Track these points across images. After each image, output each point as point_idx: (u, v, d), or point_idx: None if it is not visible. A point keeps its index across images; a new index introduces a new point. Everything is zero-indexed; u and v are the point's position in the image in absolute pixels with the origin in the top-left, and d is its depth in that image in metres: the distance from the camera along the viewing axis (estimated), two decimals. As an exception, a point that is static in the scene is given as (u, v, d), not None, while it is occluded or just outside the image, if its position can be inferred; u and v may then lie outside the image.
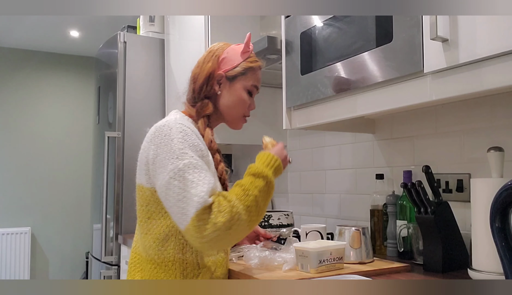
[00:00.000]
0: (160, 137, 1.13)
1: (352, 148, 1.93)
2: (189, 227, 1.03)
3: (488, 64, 0.97)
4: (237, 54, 1.32)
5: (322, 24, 1.45)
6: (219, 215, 1.03)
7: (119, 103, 2.67)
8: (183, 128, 1.14)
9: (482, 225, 1.08)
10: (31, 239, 4.36)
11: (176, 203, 1.05)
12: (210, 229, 1.02)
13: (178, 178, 1.06)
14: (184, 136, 1.12)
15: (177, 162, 1.08)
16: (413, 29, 1.11)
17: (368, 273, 1.27)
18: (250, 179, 1.13)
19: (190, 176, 1.06)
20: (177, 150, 1.09)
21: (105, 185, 2.65)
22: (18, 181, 4.37)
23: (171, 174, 1.07)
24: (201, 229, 1.02)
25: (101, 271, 2.61)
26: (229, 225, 1.03)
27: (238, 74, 1.30)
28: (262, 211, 1.12)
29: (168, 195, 1.07)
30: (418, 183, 1.29)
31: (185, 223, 1.03)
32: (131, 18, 3.35)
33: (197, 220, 1.02)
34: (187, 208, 1.03)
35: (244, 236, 1.11)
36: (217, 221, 1.02)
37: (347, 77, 1.33)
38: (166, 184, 1.08)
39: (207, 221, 1.02)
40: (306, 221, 2.14)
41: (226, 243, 1.08)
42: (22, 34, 4.05)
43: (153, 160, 1.13)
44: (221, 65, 1.30)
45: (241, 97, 1.31)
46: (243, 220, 1.06)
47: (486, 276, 1.07)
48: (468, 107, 1.45)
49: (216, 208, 1.04)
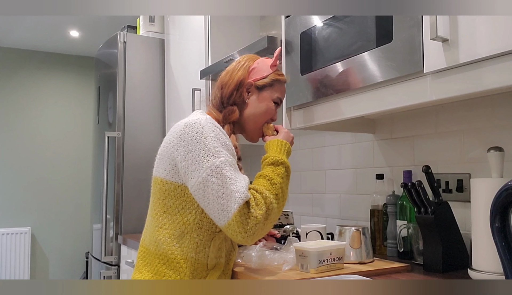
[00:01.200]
0: (192, 134, 1.15)
1: (352, 148, 1.93)
2: (231, 223, 1.08)
3: (488, 64, 0.97)
4: (267, 65, 1.37)
5: (322, 24, 1.45)
6: (257, 208, 1.10)
7: (119, 103, 2.67)
8: (214, 128, 1.18)
9: (482, 225, 1.08)
10: (31, 239, 4.36)
11: (216, 200, 1.09)
12: (252, 222, 1.09)
13: (216, 175, 1.10)
14: (217, 135, 1.16)
15: (213, 159, 1.11)
16: (413, 29, 1.11)
17: (368, 273, 1.27)
18: (271, 168, 1.21)
19: (227, 172, 1.10)
20: (212, 147, 1.13)
21: (105, 185, 2.65)
22: (18, 181, 4.37)
23: (208, 171, 1.10)
24: (244, 223, 1.08)
25: (101, 271, 2.61)
26: (266, 215, 1.12)
27: (266, 85, 1.35)
28: (286, 194, 1.21)
29: (206, 192, 1.10)
30: (418, 183, 1.29)
31: (226, 219, 1.08)
32: (131, 18, 3.35)
33: (240, 215, 1.08)
34: (228, 204, 1.08)
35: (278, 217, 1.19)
36: (257, 214, 1.10)
37: (347, 77, 1.33)
38: (203, 181, 1.11)
39: (248, 215, 1.09)
40: (306, 221, 2.14)
41: (264, 232, 1.15)
42: (22, 34, 4.05)
43: (184, 157, 1.14)
44: (251, 75, 1.35)
45: (269, 106, 1.36)
46: (275, 208, 1.15)
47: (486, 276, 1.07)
48: (468, 107, 1.45)
49: (253, 202, 1.11)
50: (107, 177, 2.65)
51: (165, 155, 1.20)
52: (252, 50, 1.81)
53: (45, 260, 4.46)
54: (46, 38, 4.18)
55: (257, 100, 1.35)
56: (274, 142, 1.28)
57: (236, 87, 1.33)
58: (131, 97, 2.69)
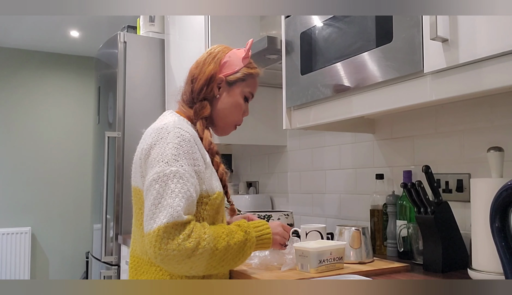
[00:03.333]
0: (156, 139, 1.12)
1: (352, 148, 1.93)
2: (151, 233, 1.02)
3: (488, 64, 0.97)
4: (239, 59, 1.32)
5: (322, 24, 1.45)
6: (187, 239, 1.02)
7: (119, 103, 2.67)
8: (181, 133, 1.13)
9: (482, 225, 1.08)
10: (31, 239, 4.36)
11: (150, 207, 1.05)
12: (172, 246, 1.01)
13: (160, 183, 1.06)
14: (181, 142, 1.11)
15: (165, 166, 1.07)
16: (413, 29, 1.11)
17: (368, 273, 1.27)
18: (234, 228, 1.15)
19: (172, 184, 1.05)
20: (170, 154, 1.09)
21: (105, 185, 2.65)
22: (18, 181, 4.37)
23: (155, 176, 1.07)
24: (163, 241, 1.01)
25: (101, 271, 2.61)
26: (191, 253, 1.03)
27: (238, 80, 1.30)
28: (224, 262, 1.11)
29: (147, 195, 1.07)
30: (418, 183, 1.29)
31: (149, 227, 1.03)
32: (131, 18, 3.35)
33: (164, 231, 1.01)
34: (158, 215, 1.03)
35: (199, 273, 1.09)
36: (182, 243, 1.02)
37: (347, 77, 1.33)
38: (148, 184, 1.08)
39: (173, 238, 1.01)
40: (306, 221, 2.14)
41: (178, 268, 1.05)
42: (22, 34, 4.05)
43: (145, 160, 1.13)
44: (222, 69, 1.30)
45: (239, 102, 1.31)
46: (205, 256, 1.05)
47: (486, 276, 1.07)
48: (468, 107, 1.45)
49: (188, 231, 1.03)
50: (107, 177, 2.65)
51: (136, 163, 1.18)
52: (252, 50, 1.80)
53: (45, 260, 4.46)
54: (46, 38, 4.18)
55: (228, 95, 1.30)
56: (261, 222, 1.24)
57: (206, 82, 1.28)
58: (131, 97, 2.69)
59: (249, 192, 2.61)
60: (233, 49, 1.35)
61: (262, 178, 2.60)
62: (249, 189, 2.63)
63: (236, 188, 2.71)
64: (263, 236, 1.22)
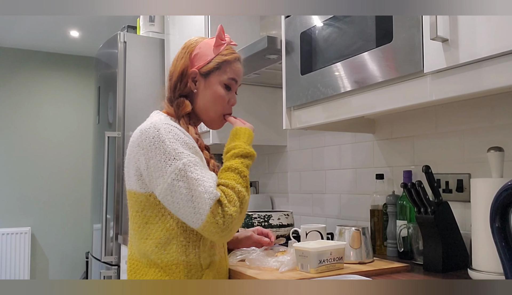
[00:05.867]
0: (149, 140, 1.10)
1: (352, 148, 1.93)
2: (205, 224, 1.06)
3: (488, 64, 0.97)
4: (210, 48, 1.27)
5: (322, 24, 1.45)
6: (230, 205, 1.09)
7: (119, 103, 2.67)
8: (170, 128, 1.12)
9: (482, 225, 1.08)
10: (31, 239, 4.36)
11: (186, 204, 1.06)
12: (227, 220, 1.07)
13: (182, 179, 1.06)
14: (174, 136, 1.11)
15: (176, 163, 1.07)
16: (413, 29, 1.11)
17: (368, 273, 1.27)
18: (241, 160, 1.19)
19: (192, 174, 1.07)
20: (172, 150, 1.08)
21: (105, 185, 2.65)
22: (18, 181, 4.37)
23: (172, 175, 1.06)
24: (219, 222, 1.06)
25: (101, 271, 2.61)
26: (240, 210, 1.11)
27: (212, 70, 1.25)
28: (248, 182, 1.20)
29: (175, 197, 1.06)
30: (418, 183, 1.29)
31: (200, 221, 1.06)
32: (131, 18, 3.35)
33: (213, 216, 1.05)
34: (200, 206, 1.05)
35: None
36: (231, 212, 1.08)
37: (347, 77, 1.33)
38: (169, 186, 1.07)
39: (223, 214, 1.07)
40: (306, 221, 2.14)
41: (240, 224, 1.15)
42: (22, 34, 4.05)
43: (146, 165, 1.10)
44: (194, 62, 1.26)
45: (217, 92, 1.26)
46: (247, 200, 1.15)
47: (486, 276, 1.07)
48: (468, 107, 1.45)
49: (225, 199, 1.08)
50: (107, 177, 2.65)
51: (130, 166, 1.15)
52: (252, 50, 1.81)
53: (45, 260, 4.46)
54: (46, 38, 4.18)
55: (205, 88, 1.25)
56: (243, 131, 1.24)
57: (179, 79, 1.24)
58: (131, 97, 2.69)
59: (249, 192, 2.61)
60: (205, 39, 1.30)
61: (262, 178, 2.59)
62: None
63: (236, 188, 2.70)
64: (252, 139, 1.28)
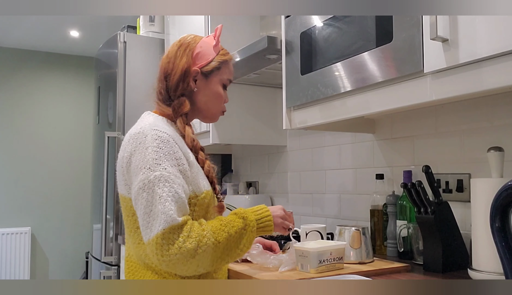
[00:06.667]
0: (135, 145, 1.09)
1: (352, 148, 1.93)
2: (151, 242, 1.01)
3: (488, 64, 0.97)
4: (210, 48, 1.26)
5: (322, 24, 1.45)
6: (187, 240, 1.01)
7: (119, 103, 2.67)
8: (158, 135, 1.09)
9: (482, 225, 1.08)
10: (31, 239, 4.36)
11: (143, 216, 1.03)
12: (173, 250, 1.00)
13: (147, 190, 1.03)
14: (160, 144, 1.08)
15: (148, 173, 1.04)
16: (413, 29, 1.11)
17: (368, 273, 1.27)
18: (232, 217, 1.13)
19: (159, 189, 1.02)
20: (151, 159, 1.06)
21: (105, 185, 2.65)
22: (18, 181, 4.37)
23: (140, 184, 1.04)
24: (164, 248, 1.00)
25: (101, 271, 2.61)
26: (194, 253, 1.01)
27: (213, 69, 1.25)
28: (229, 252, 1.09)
29: (137, 205, 1.05)
30: (418, 183, 1.29)
31: (147, 237, 1.02)
32: (131, 18, 3.35)
33: (162, 238, 1.00)
34: (153, 223, 1.01)
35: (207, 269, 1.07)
36: (183, 246, 1.00)
37: (347, 77, 1.33)
38: (135, 193, 1.05)
39: (173, 242, 1.00)
40: (306, 221, 2.14)
41: (185, 269, 1.04)
42: (22, 34, 4.05)
43: (127, 169, 1.10)
44: (195, 61, 1.24)
45: (219, 92, 1.26)
46: (208, 252, 1.04)
47: (486, 276, 1.07)
48: (468, 107, 1.45)
49: (186, 231, 1.02)
50: (107, 177, 2.65)
51: (119, 170, 1.15)
52: (252, 50, 1.81)
53: (45, 260, 4.46)
54: (46, 38, 4.18)
55: (206, 87, 1.25)
56: (259, 206, 1.20)
57: (182, 78, 1.22)
58: (131, 97, 2.69)
59: (249, 192, 2.61)
60: (202, 37, 1.30)
61: (262, 178, 2.59)
62: (249, 189, 2.63)
63: (236, 188, 2.71)
64: (263, 219, 1.18)
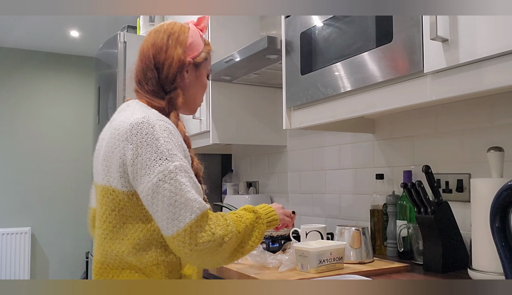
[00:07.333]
0: (141, 136, 1.03)
1: (352, 148, 1.93)
2: (181, 233, 0.97)
3: (488, 64, 0.97)
4: (200, 37, 1.22)
5: (322, 24, 1.45)
6: (217, 227, 1.01)
7: (119, 103, 2.67)
8: (166, 126, 1.06)
9: (482, 225, 1.08)
10: (31, 239, 4.35)
11: (167, 208, 0.98)
12: (206, 237, 0.98)
13: (169, 181, 0.99)
14: (169, 135, 1.04)
15: (167, 164, 1.00)
16: (413, 29, 1.11)
17: (368, 273, 1.27)
18: (243, 212, 1.14)
19: (183, 179, 1.00)
20: (165, 150, 1.02)
21: (105, 185, 2.64)
22: (18, 180, 4.37)
23: (160, 176, 0.99)
24: (198, 236, 0.98)
25: (101, 271, 2.61)
26: (222, 241, 1.01)
27: (203, 61, 1.22)
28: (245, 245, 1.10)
29: (156, 198, 0.99)
30: (418, 183, 1.29)
31: (176, 228, 0.98)
32: (131, 18, 3.35)
33: (196, 226, 0.98)
34: (181, 213, 0.98)
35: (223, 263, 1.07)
36: (215, 232, 1.00)
37: (347, 77, 1.33)
38: (153, 186, 0.99)
39: (205, 229, 0.99)
40: (306, 221, 2.14)
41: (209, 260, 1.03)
42: (22, 34, 4.05)
43: (132, 161, 1.02)
44: (188, 51, 1.20)
45: (205, 83, 1.24)
46: (233, 242, 1.04)
47: (486, 276, 1.07)
48: (468, 107, 1.45)
49: (215, 219, 1.02)
50: (107, 177, 2.64)
51: (112, 161, 1.06)
52: (252, 50, 1.81)
53: (45, 260, 4.46)
54: (46, 38, 4.17)
55: (196, 79, 1.21)
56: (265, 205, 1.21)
57: (179, 69, 1.17)
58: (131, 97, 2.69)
59: (249, 192, 2.61)
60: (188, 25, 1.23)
61: (262, 178, 2.59)
62: (249, 189, 2.63)
63: (236, 188, 2.71)
64: (270, 214, 1.19)
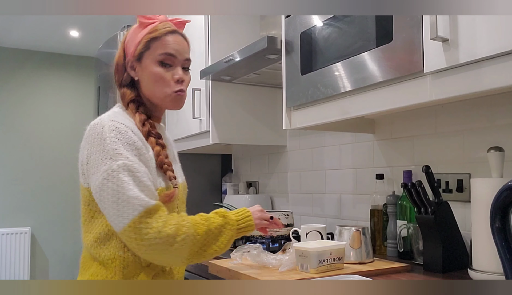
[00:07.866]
0: (94, 136, 1.09)
1: (352, 148, 1.93)
2: (127, 229, 1.01)
3: (488, 64, 0.97)
4: (135, 31, 1.25)
5: (322, 24, 1.45)
6: (166, 226, 1.02)
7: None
8: (116, 125, 1.10)
9: (482, 225, 1.08)
10: (31, 239, 4.36)
11: (112, 205, 1.03)
12: (152, 234, 1.00)
13: (112, 180, 1.03)
14: (117, 135, 1.08)
15: (110, 163, 1.04)
16: (413, 29, 1.11)
17: (368, 273, 1.27)
18: (212, 215, 1.15)
19: (125, 177, 1.03)
20: (111, 150, 1.06)
21: (105, 185, 2.64)
22: (18, 181, 4.37)
23: (104, 174, 1.04)
24: (143, 232, 1.00)
25: (101, 271, 2.61)
26: (173, 240, 1.02)
27: (142, 51, 1.21)
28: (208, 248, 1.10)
29: (103, 196, 1.05)
30: (418, 183, 1.29)
31: (121, 224, 1.01)
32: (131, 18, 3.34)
33: (139, 223, 1.00)
34: (125, 210, 1.01)
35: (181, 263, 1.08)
36: (162, 230, 1.01)
37: (347, 77, 1.33)
38: (100, 185, 1.05)
39: (151, 226, 1.01)
40: (306, 221, 2.14)
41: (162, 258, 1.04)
42: (22, 34, 4.05)
43: (87, 160, 1.10)
44: (127, 50, 1.24)
45: (154, 72, 1.19)
46: (188, 244, 1.05)
47: (486, 276, 1.07)
48: (468, 107, 1.45)
49: (164, 217, 1.03)
50: (107, 177, 2.64)
51: (79, 160, 1.15)
52: (252, 50, 1.81)
53: (45, 260, 4.46)
54: (46, 38, 4.18)
55: (142, 71, 1.21)
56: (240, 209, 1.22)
57: (116, 71, 1.25)
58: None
59: (249, 192, 2.61)
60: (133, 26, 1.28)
61: (262, 178, 2.59)
62: (249, 189, 2.63)
63: (236, 188, 2.71)
64: (244, 220, 1.19)
